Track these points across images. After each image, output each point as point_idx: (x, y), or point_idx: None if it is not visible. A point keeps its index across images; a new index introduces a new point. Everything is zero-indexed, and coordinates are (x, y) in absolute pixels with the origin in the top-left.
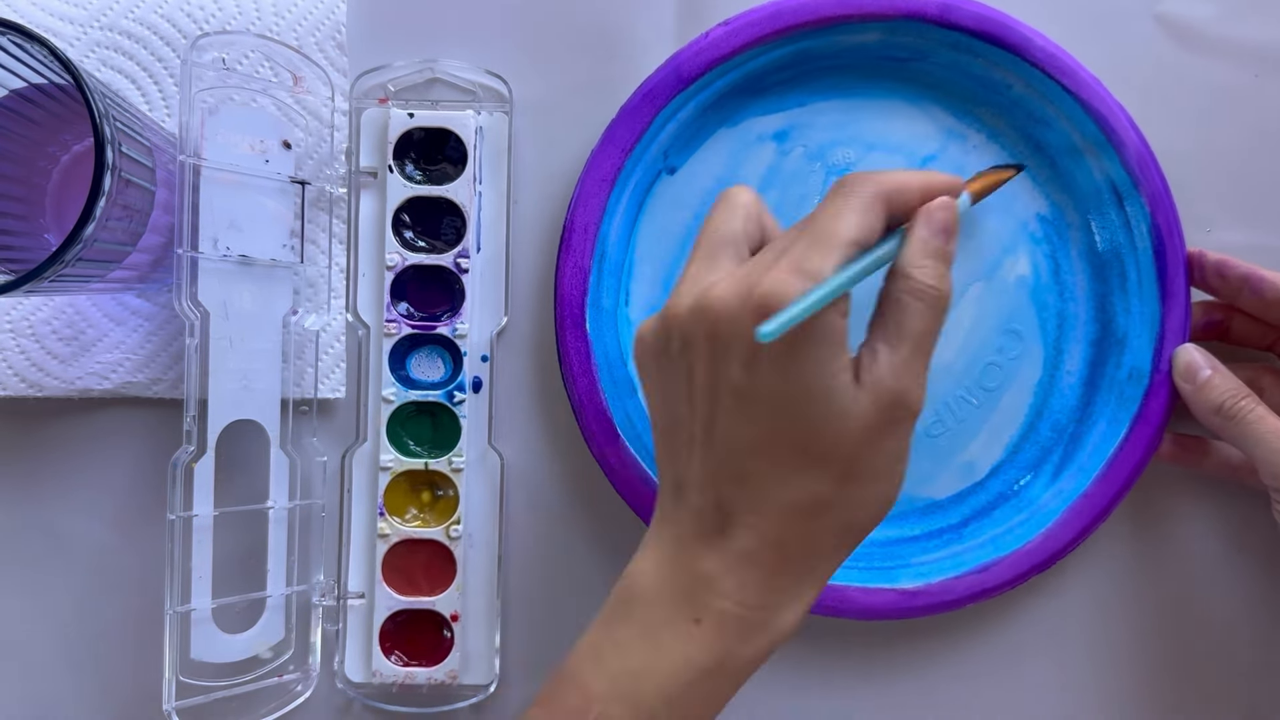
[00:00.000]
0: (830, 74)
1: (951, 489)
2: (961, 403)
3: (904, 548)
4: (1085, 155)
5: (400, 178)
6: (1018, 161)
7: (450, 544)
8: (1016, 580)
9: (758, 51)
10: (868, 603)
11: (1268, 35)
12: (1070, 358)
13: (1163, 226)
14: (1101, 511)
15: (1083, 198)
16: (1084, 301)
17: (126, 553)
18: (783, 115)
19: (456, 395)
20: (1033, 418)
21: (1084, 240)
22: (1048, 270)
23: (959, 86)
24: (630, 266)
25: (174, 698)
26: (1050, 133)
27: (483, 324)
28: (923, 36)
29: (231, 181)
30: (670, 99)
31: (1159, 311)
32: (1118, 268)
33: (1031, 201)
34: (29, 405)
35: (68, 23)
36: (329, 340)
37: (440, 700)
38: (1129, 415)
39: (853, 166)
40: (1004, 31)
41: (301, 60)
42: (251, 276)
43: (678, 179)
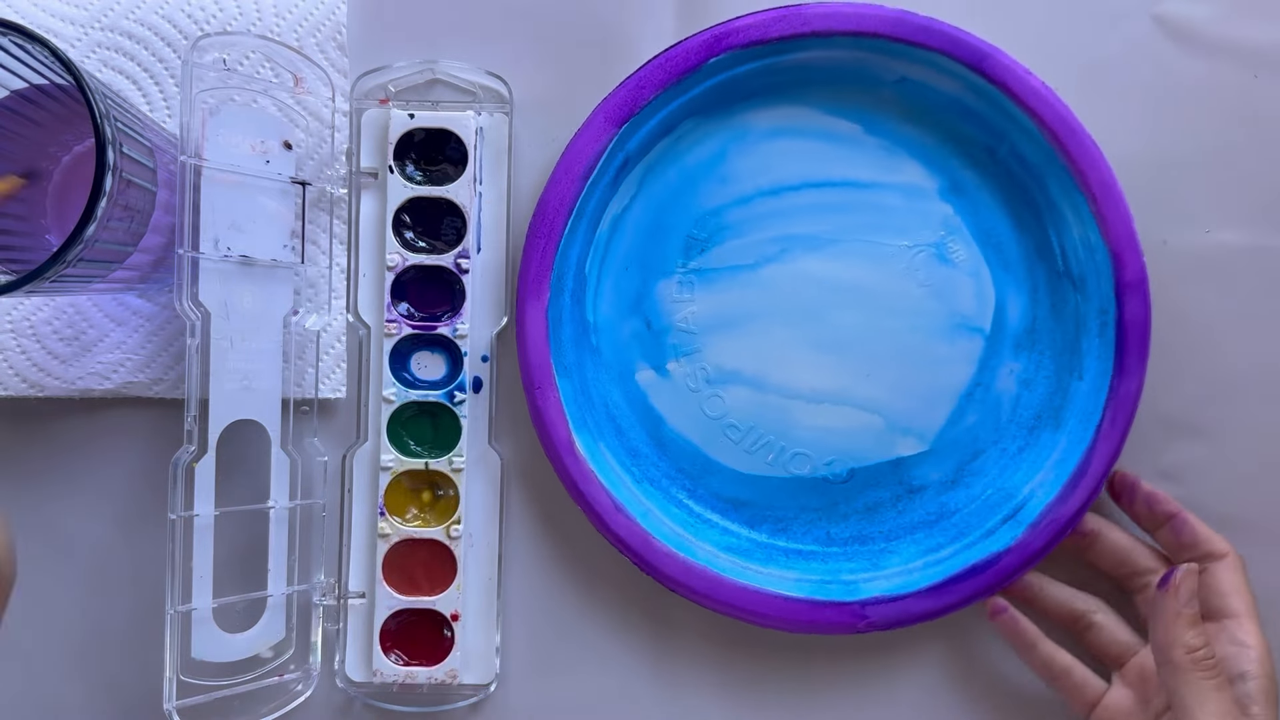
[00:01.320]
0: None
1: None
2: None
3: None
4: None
5: (401, 178)
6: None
7: (450, 544)
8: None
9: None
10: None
11: (1268, 35)
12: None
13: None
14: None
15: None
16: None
17: (127, 552)
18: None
19: (457, 395)
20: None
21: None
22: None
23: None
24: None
25: (175, 697)
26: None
27: (483, 324)
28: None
29: (232, 182)
30: (567, 218)
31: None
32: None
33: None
34: (30, 405)
35: (69, 23)
36: (330, 340)
37: (440, 700)
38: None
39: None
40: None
41: (302, 61)
42: (252, 277)
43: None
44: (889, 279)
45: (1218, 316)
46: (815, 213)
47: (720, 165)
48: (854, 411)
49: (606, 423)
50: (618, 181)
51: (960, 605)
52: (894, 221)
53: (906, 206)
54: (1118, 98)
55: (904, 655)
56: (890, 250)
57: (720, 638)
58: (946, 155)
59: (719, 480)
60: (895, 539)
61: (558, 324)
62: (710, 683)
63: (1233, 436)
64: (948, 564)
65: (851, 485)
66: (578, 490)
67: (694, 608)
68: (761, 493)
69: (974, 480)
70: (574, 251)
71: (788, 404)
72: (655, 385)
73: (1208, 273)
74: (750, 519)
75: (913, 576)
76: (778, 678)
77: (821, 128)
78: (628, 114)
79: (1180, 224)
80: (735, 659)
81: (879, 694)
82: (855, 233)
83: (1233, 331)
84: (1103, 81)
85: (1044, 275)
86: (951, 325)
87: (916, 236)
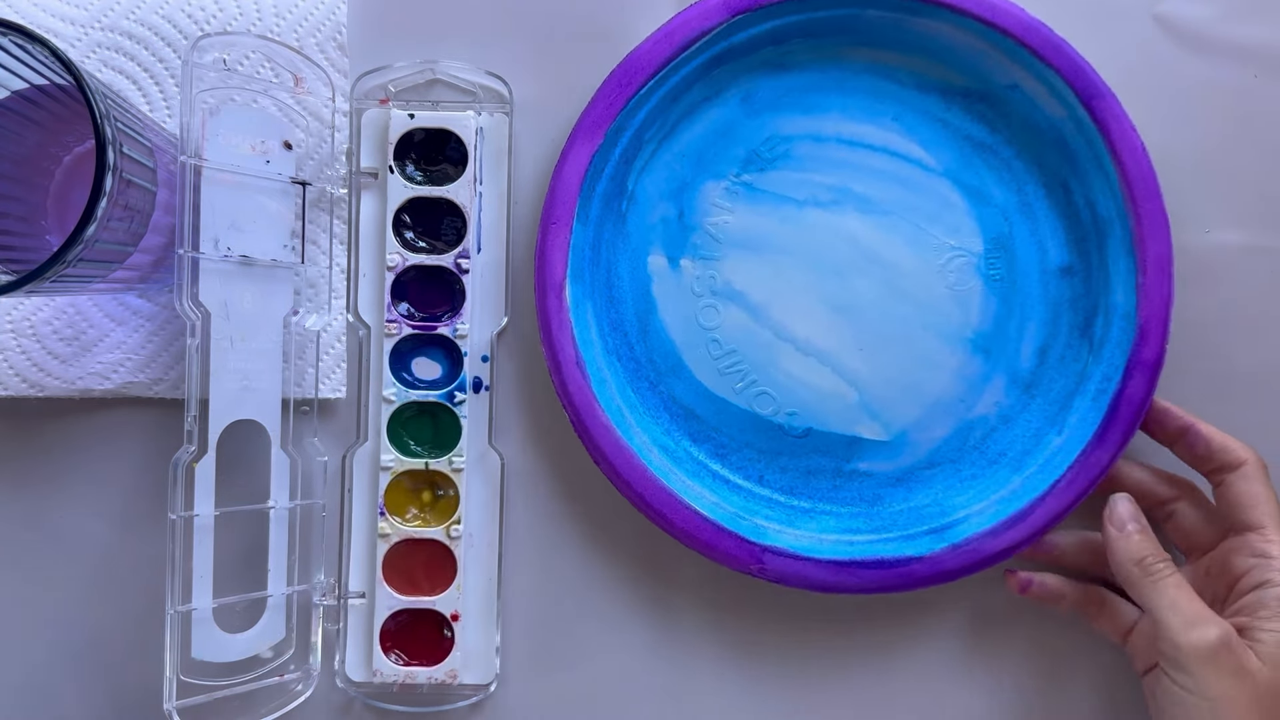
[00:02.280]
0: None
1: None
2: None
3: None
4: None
5: (401, 178)
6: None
7: (450, 544)
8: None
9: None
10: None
11: (1268, 35)
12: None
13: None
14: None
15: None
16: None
17: (127, 552)
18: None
19: (457, 395)
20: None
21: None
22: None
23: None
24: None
25: (175, 697)
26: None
27: (483, 324)
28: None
29: (232, 182)
30: (650, 77)
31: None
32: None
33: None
34: (30, 405)
35: (69, 24)
36: (330, 340)
37: (440, 700)
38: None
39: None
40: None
41: (302, 61)
42: (252, 277)
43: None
44: (921, 269)
45: (1218, 316)
46: (880, 179)
47: (812, 95)
48: (834, 377)
49: (602, 286)
50: (710, 69)
51: (854, 590)
52: (950, 218)
53: (967, 209)
54: (1117, 98)
55: (909, 636)
56: (935, 243)
57: (721, 638)
58: (1027, 175)
59: (682, 387)
60: (819, 507)
61: (596, 175)
62: (711, 683)
63: (1233, 436)
64: (858, 548)
65: (802, 443)
66: (549, 331)
67: (694, 607)
68: (716, 415)
69: (918, 487)
70: (641, 114)
71: (776, 344)
72: (662, 274)
73: (1208, 273)
74: (695, 434)
75: (820, 545)
76: (779, 678)
77: (920, 101)
78: (747, 6)
79: (1180, 224)
80: (736, 659)
81: (879, 695)
82: (909, 214)
83: (1233, 331)
84: (1103, 81)
85: (1068, 326)
86: (961, 336)
87: (965, 241)
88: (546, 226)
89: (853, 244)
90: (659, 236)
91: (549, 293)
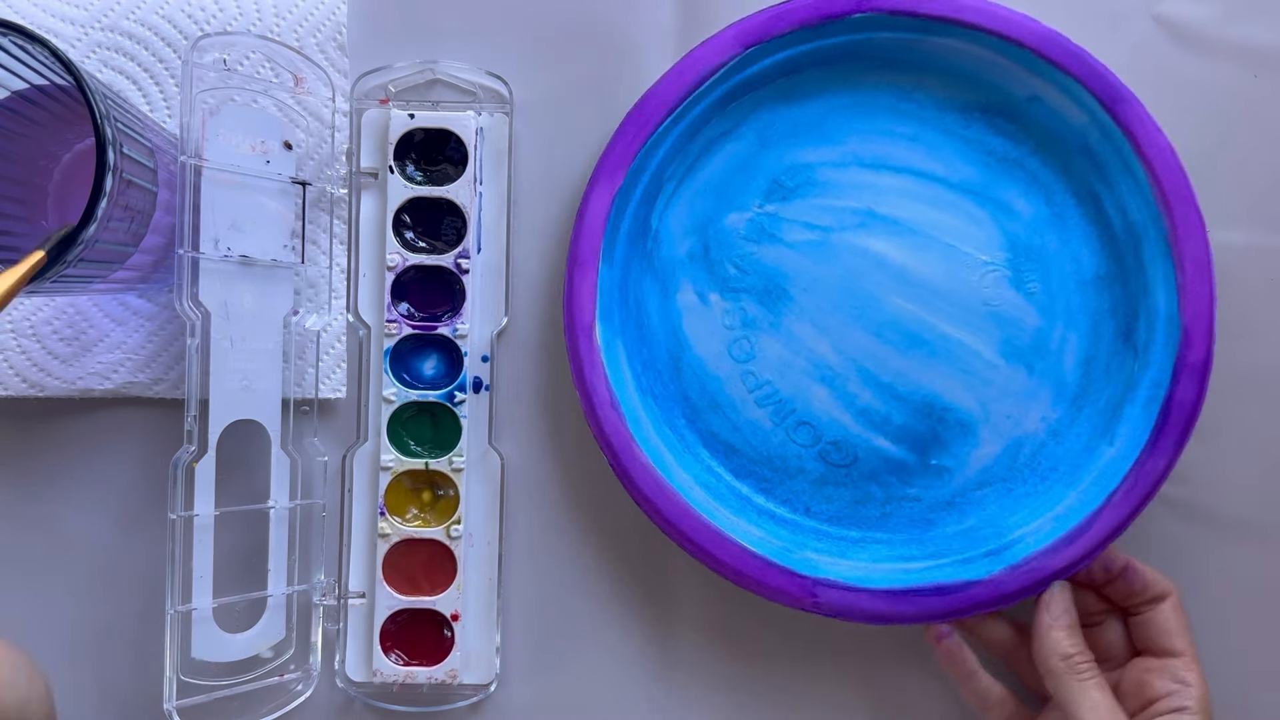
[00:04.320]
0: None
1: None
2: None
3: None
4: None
5: (401, 178)
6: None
7: (450, 544)
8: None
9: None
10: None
11: (1268, 35)
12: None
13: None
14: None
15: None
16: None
17: (127, 552)
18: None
19: (457, 395)
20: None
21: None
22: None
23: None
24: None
25: (175, 697)
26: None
27: (483, 324)
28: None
29: (233, 182)
30: (666, 116)
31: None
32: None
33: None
34: (30, 405)
35: (69, 24)
36: (330, 340)
37: (440, 700)
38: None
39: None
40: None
41: (302, 61)
42: (252, 277)
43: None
44: (957, 287)
45: (1218, 316)
46: (905, 199)
47: (829, 121)
48: (877, 403)
49: (632, 325)
50: (725, 103)
51: (913, 619)
52: (979, 234)
53: (996, 223)
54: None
55: (912, 660)
56: (967, 260)
57: (722, 638)
58: (1055, 186)
59: (720, 421)
60: (870, 536)
61: (619, 216)
62: (711, 684)
63: (1234, 437)
64: (915, 575)
65: (848, 472)
66: (581, 374)
67: (694, 607)
68: (756, 448)
69: (970, 508)
70: (659, 153)
71: (814, 372)
72: (692, 309)
73: None
74: (737, 469)
75: (875, 574)
76: (779, 679)
77: (939, 119)
78: (757, 39)
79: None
80: (737, 660)
81: (886, 696)
82: (938, 232)
83: (1233, 331)
84: None
85: (1110, 334)
86: (1002, 352)
87: (996, 255)
88: (573, 269)
89: (883, 267)
90: (686, 272)
91: (579, 335)
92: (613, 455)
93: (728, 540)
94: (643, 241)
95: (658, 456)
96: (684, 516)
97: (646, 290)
